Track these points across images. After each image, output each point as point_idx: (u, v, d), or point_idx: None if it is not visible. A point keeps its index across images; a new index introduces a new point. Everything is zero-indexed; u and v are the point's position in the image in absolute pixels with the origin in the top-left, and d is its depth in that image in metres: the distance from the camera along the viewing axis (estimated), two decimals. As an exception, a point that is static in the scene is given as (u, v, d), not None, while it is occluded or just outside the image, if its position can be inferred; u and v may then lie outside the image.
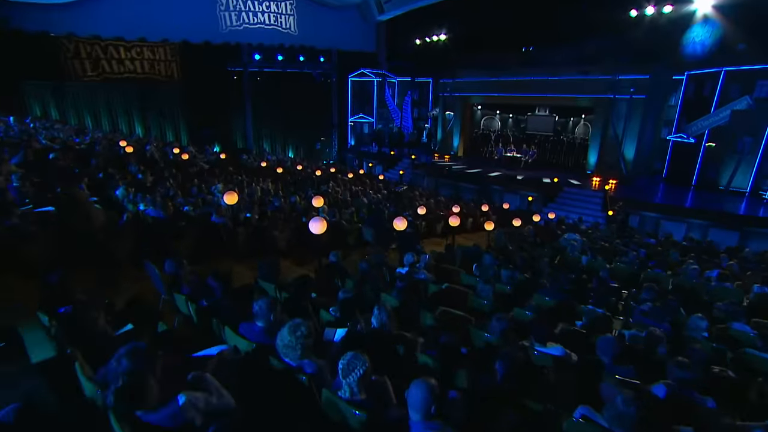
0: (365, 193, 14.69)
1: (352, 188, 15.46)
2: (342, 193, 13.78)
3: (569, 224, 13.79)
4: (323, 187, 13.98)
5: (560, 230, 12.22)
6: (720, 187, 17.50)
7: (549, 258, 9.12)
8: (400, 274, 5.85)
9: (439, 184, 20.64)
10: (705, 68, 17.69)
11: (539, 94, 21.52)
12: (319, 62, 25.16)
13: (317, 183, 13.60)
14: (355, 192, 14.69)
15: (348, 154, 28.26)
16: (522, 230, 11.81)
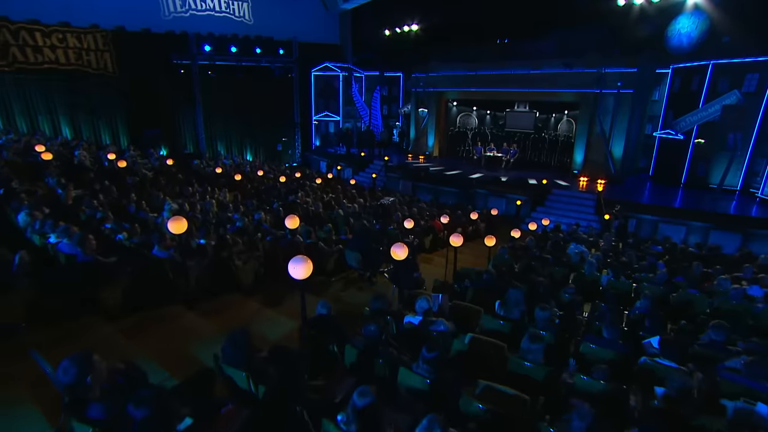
0: (339, 203, 13.33)
1: (324, 197, 14.06)
2: (313, 204, 12.35)
3: (567, 231, 12.99)
4: (291, 198, 12.49)
5: (562, 240, 11.32)
6: (710, 185, 17.36)
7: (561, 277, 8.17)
8: (412, 326, 4.58)
9: (416, 189, 19.55)
10: (692, 61, 17.52)
11: (519, 89, 20.84)
12: (278, 55, 23.45)
13: (284, 193, 12.08)
14: (328, 201, 13.29)
15: (313, 156, 26.76)
16: (523, 243, 10.84)
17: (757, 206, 15.64)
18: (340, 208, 12.63)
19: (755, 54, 15.81)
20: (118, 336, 4.89)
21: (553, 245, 10.48)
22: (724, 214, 13.99)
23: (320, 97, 26.89)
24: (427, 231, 11.58)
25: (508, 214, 16.77)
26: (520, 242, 10.89)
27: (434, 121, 24.36)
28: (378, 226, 8.28)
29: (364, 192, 16.69)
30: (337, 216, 11.53)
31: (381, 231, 8.14)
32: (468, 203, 17.82)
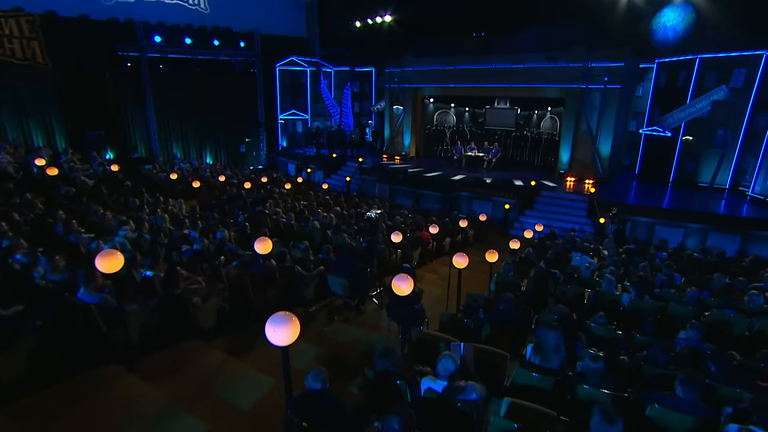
0: (313, 212, 12.11)
1: (296, 206, 12.80)
2: (284, 215, 11.09)
3: (565, 238, 12.26)
4: (258, 208, 11.17)
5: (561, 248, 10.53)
6: (700, 183, 17.27)
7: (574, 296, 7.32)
8: (435, 395, 3.50)
9: (395, 193, 18.54)
10: (678, 55, 17.34)
11: (500, 84, 20.07)
12: (238, 48, 21.91)
13: (250, 203, 10.75)
14: (301, 211, 12.04)
15: (279, 157, 25.34)
16: (522, 254, 9.98)
17: (748, 205, 15.54)
18: (315, 218, 11.43)
19: (743, 48, 15.67)
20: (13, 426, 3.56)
21: (556, 257, 9.65)
22: (724, 215, 13.67)
23: (286, 94, 25.57)
24: (414, 243, 10.54)
25: (496, 219, 16.02)
26: (520, 254, 10.00)
27: (410, 119, 23.45)
28: (365, 243, 7.17)
29: (340, 199, 15.50)
30: (313, 229, 10.34)
31: (369, 250, 7.04)
32: (452, 208, 17.00)
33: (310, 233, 10.32)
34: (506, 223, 15.67)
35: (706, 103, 16.05)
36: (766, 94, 15.59)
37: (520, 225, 15.83)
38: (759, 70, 15.54)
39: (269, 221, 11.02)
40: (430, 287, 9.23)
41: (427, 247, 11.05)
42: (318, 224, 10.63)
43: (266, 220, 11.06)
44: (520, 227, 15.67)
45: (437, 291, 8.92)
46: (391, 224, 11.61)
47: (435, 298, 8.51)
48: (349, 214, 12.52)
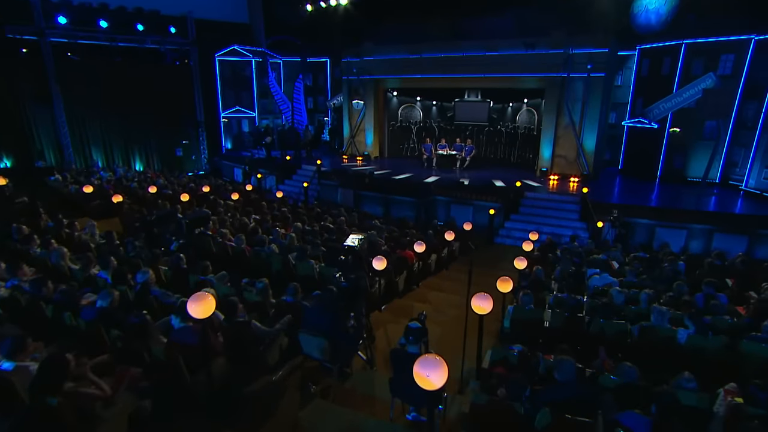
0: (269, 230, 10.24)
1: (247, 222, 10.86)
2: (233, 236, 9.16)
3: (567, 249, 11.05)
4: (199, 231, 9.16)
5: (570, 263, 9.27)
6: (689, 178, 16.88)
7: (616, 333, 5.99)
8: None
9: (360, 199, 16.91)
10: (662, 41, 16.89)
11: (471, 74, 18.93)
12: (168, 34, 19.49)
13: (187, 224, 8.71)
14: (253, 229, 10.11)
15: (224, 161, 23.14)
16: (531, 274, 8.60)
17: (742, 200, 15.16)
18: (272, 239, 9.57)
19: (731, 32, 15.25)
20: None
21: (574, 277, 8.34)
22: (730, 214, 13.03)
23: (229, 89, 23.58)
24: (398, 266, 8.92)
25: (478, 225, 14.66)
26: (528, 273, 8.62)
27: (372, 115, 22.01)
28: (346, 283, 5.45)
29: (299, 210, 13.64)
30: (271, 255, 8.48)
31: (354, 292, 5.33)
32: (427, 215, 15.66)
33: (267, 261, 8.48)
34: (491, 231, 14.44)
35: (693, 92, 15.54)
36: (755, 82, 15.24)
37: (506, 232, 14.73)
38: (747, 55, 15.19)
39: (213, 246, 9.06)
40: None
41: (413, 268, 9.47)
42: (276, 248, 8.79)
43: (210, 244, 9.10)
44: (507, 234, 14.66)
45: (436, 330, 7.34)
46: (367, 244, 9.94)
47: (436, 341, 6.92)
48: (313, 231, 10.75)
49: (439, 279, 10.59)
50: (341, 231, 11.35)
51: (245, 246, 8.84)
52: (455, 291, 9.64)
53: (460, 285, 10.16)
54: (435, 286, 9.91)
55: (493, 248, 14.12)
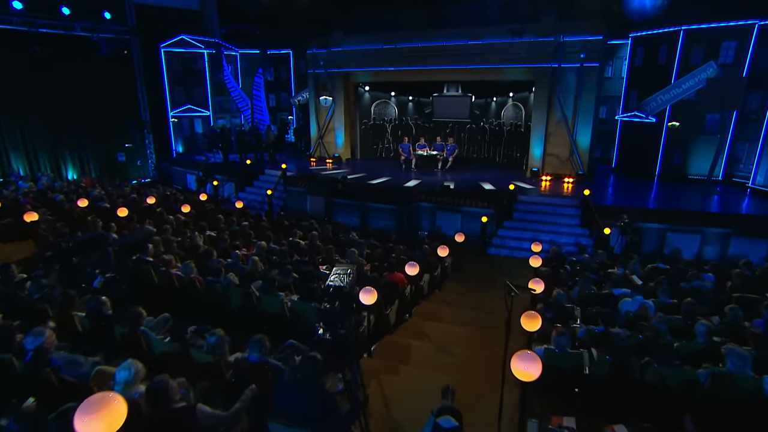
0: (226, 251, 8.76)
1: (198, 242, 9.32)
2: (179, 263, 7.63)
3: (579, 262, 10.02)
4: (138, 256, 7.58)
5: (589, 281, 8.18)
6: (690, 176, 16.45)
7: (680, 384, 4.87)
8: None
9: (333, 208, 15.62)
10: (657, 28, 16.42)
11: (451, 66, 18.01)
12: (102, 20, 17.56)
13: (116, 252, 7.10)
14: (207, 252, 8.59)
15: (174, 167, 21.55)
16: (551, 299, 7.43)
17: (750, 199, 14.66)
18: (231, 263, 8.10)
19: (732, 17, 14.74)
20: None
21: (601, 301, 7.25)
22: (748, 216, 12.44)
23: (178, 84, 22.14)
24: (388, 294, 7.59)
25: (469, 234, 13.51)
26: (549, 299, 7.46)
27: (342, 113, 20.87)
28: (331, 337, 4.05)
29: (262, 223, 12.15)
30: (228, 287, 7.01)
31: (343, 351, 3.96)
32: (410, 224, 14.57)
33: (223, 294, 7.00)
34: (484, 241, 13.35)
35: (693, 82, 15.13)
36: (758, 70, 14.80)
37: (500, 241, 13.76)
38: (751, 42, 14.70)
39: (155, 277, 7.51)
40: (428, 373, 6.34)
41: (404, 294, 8.18)
42: (235, 277, 7.31)
43: (150, 275, 7.54)
44: (501, 244, 13.73)
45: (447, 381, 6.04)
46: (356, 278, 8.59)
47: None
48: (281, 250, 9.31)
49: (434, 303, 9.34)
50: (314, 249, 10.02)
51: (196, 276, 7.33)
52: (456, 320, 8.45)
53: (459, 310, 9.03)
54: (431, 314, 8.64)
55: (487, 261, 13.09)
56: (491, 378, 5.80)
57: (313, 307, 6.43)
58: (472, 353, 6.95)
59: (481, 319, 8.45)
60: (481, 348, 7.08)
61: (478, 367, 6.51)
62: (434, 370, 6.41)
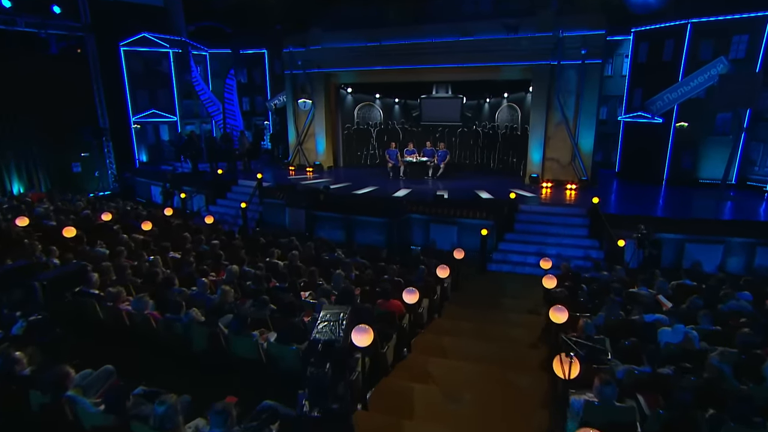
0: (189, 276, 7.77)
1: (158, 267, 8.30)
2: (131, 297, 6.59)
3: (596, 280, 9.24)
4: (79, 289, 6.52)
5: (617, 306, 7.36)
6: (701, 180, 16.13)
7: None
8: None
9: (315, 221, 14.76)
10: (662, 21, 16.13)
11: (440, 65, 17.56)
12: (51, 15, 16.51)
13: (46, 285, 6.01)
14: (166, 280, 7.58)
15: (138, 178, 20.64)
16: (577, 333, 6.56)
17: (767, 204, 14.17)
18: (196, 293, 7.11)
19: (743, 8, 14.37)
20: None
21: (637, 329, 6.43)
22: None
23: (141, 87, 21.45)
24: (385, 329, 6.65)
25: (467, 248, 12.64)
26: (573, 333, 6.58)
27: (323, 117, 20.26)
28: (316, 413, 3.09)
29: (235, 242, 11.13)
30: (189, 326, 6.01)
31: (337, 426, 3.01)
32: (401, 238, 13.80)
33: (184, 335, 5.99)
34: (483, 256, 12.53)
35: (702, 79, 14.79)
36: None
37: (501, 256, 13.06)
38: (764, 36, 14.36)
39: (100, 313, 6.44)
40: (436, 427, 5.41)
41: (403, 326, 7.24)
42: (199, 313, 6.29)
43: (94, 311, 6.48)
44: (502, 259, 13.06)
45: None
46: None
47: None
48: (256, 275, 8.33)
49: (434, 334, 8.41)
50: (294, 271, 9.12)
51: (150, 312, 6.29)
52: (461, 353, 7.55)
53: (463, 341, 8.11)
54: (432, 348, 7.72)
55: (487, 278, 12.28)
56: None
57: (295, 350, 5.49)
58: (486, 399, 6.05)
59: (490, 351, 7.59)
60: (494, 391, 6.21)
61: (495, 418, 5.63)
62: (443, 425, 5.49)
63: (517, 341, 8.23)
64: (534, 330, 8.62)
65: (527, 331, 8.60)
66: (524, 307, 10.06)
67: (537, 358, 7.45)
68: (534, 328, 8.69)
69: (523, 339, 8.29)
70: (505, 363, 7.18)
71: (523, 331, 8.66)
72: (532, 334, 8.43)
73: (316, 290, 7.89)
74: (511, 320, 9.46)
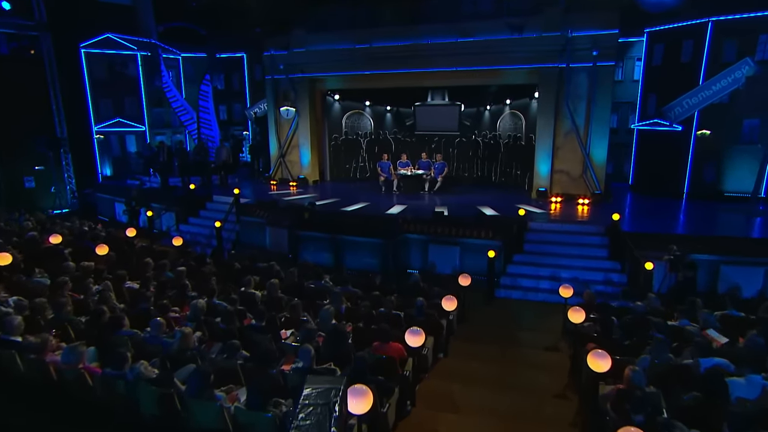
0: (149, 316, 6.74)
1: (102, 309, 7.21)
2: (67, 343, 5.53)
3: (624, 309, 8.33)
4: None
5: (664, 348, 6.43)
6: (726, 193, 15.84)
7: None
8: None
9: (299, 243, 14.01)
10: (679, 21, 15.84)
11: (436, 69, 17.15)
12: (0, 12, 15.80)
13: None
14: (114, 321, 6.59)
15: (100, 194, 19.94)
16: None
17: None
18: (148, 339, 6.09)
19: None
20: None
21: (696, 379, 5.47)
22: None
23: (104, 94, 21.28)
24: (384, 382, 5.64)
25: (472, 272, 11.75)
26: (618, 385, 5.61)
27: (307, 127, 19.85)
28: None
29: (205, 268, 10.15)
30: (136, 384, 4.95)
31: None
32: (396, 262, 13.00)
33: (129, 397, 4.95)
34: (491, 281, 11.66)
35: (726, 82, 14.46)
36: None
37: (510, 280, 12.29)
38: (793, 35, 13.97)
39: (21, 365, 5.36)
40: None
41: (405, 375, 6.24)
42: (148, 367, 5.24)
43: (15, 363, 5.40)
44: (512, 284, 12.30)
45: None
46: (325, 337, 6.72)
47: None
48: (226, 311, 7.33)
49: (441, 380, 7.44)
50: (274, 303, 8.15)
51: (86, 366, 5.24)
52: (475, 407, 6.68)
53: (476, 390, 7.15)
54: (440, 400, 6.75)
55: (496, 306, 11.40)
56: None
57: (271, 418, 4.46)
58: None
59: (507, 403, 6.72)
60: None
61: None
62: None
63: (539, 389, 7.30)
64: (557, 373, 7.74)
65: (549, 375, 7.69)
66: (542, 343, 9.18)
67: (566, 412, 6.54)
68: (557, 371, 7.81)
69: (546, 386, 7.36)
70: (527, 417, 6.29)
71: (545, 375, 7.73)
72: (557, 380, 7.51)
73: (300, 328, 6.91)
74: (529, 359, 8.54)
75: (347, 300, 8.76)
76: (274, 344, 6.39)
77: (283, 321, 7.49)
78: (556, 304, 10.25)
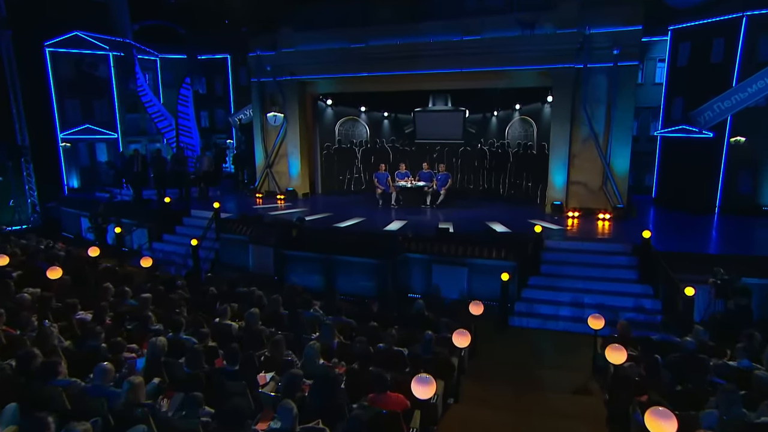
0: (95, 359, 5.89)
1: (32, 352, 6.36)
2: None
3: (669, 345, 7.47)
4: None
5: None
6: (764, 207, 15.34)
7: None
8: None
9: (286, 263, 13.42)
10: (708, 17, 15.46)
11: (439, 71, 16.93)
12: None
13: None
14: (46, 366, 5.70)
15: (65, 208, 19.49)
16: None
17: None
18: (89, 389, 5.32)
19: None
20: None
21: None
22: None
23: (71, 97, 20.90)
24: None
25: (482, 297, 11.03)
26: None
27: (297, 134, 19.59)
28: None
29: (174, 294, 9.31)
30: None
31: None
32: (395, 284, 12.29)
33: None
34: (504, 308, 10.91)
35: (763, 84, 14.24)
36: None
37: (525, 306, 11.59)
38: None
39: None
40: None
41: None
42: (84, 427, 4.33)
43: None
44: (528, 311, 11.58)
45: None
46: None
47: None
48: (194, 350, 6.44)
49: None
50: (253, 339, 7.29)
51: (1, 430, 4.30)
52: None
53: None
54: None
55: (510, 336, 10.64)
56: None
57: None
58: None
59: None
60: None
61: None
62: None
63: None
64: (591, 423, 6.84)
65: (582, 425, 6.80)
66: (568, 384, 8.34)
67: None
68: (590, 420, 6.92)
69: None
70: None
71: (577, 424, 6.83)
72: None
73: (282, 372, 6.02)
74: (554, 405, 7.66)
75: (339, 333, 7.94)
76: (249, 394, 5.53)
77: (262, 360, 6.63)
78: (580, 334, 9.65)
